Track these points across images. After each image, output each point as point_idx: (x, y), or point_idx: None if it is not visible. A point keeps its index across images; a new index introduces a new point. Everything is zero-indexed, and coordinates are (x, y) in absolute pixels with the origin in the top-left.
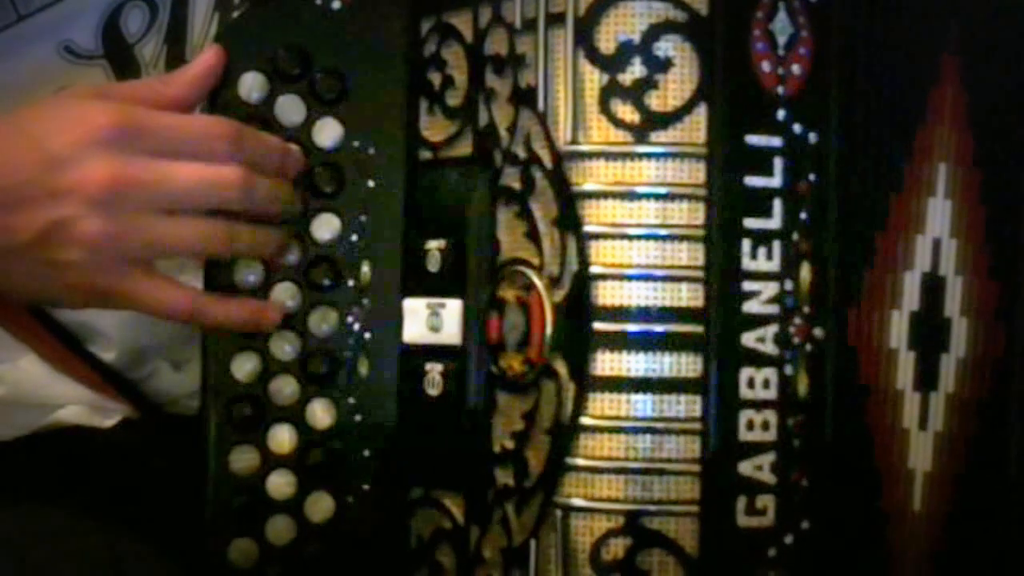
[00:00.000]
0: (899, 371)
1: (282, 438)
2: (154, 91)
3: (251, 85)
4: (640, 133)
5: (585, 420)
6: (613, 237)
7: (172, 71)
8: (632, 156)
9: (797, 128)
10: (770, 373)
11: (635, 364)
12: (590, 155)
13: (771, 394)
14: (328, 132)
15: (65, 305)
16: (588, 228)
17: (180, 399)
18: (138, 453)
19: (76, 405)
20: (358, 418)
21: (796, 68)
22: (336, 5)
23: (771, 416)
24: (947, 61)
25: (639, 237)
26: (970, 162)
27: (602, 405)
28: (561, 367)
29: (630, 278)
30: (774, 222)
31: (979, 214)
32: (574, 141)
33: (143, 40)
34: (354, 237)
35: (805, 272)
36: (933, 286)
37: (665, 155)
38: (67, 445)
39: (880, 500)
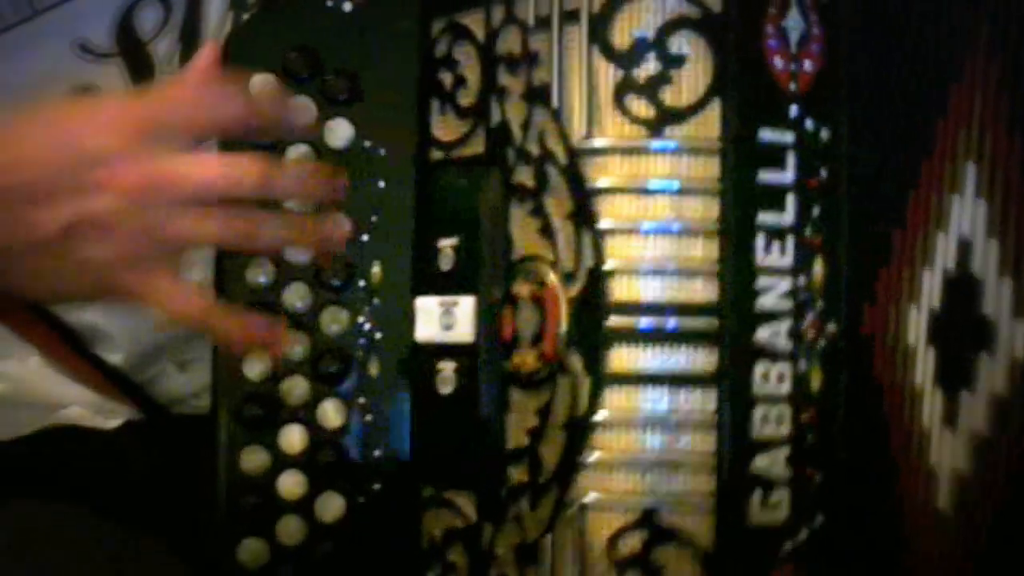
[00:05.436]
0: (917, 367)
1: (293, 438)
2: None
3: (262, 86)
4: (654, 128)
5: (600, 415)
6: (627, 232)
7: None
8: (646, 151)
9: (809, 124)
10: (784, 368)
11: (650, 359)
12: (604, 151)
13: (785, 389)
14: (339, 133)
15: (82, 300)
16: (603, 223)
17: (187, 399)
18: (142, 454)
19: (79, 406)
20: (369, 418)
21: (808, 64)
22: (347, 6)
23: (785, 411)
24: (975, 60)
25: (653, 232)
26: (1003, 159)
27: (617, 400)
28: (576, 362)
29: (644, 273)
30: (787, 217)
31: (1010, 211)
32: (588, 137)
33: (157, 38)
34: (365, 237)
35: (818, 267)
36: (961, 284)
37: (679, 150)
38: (70, 445)
39: (896, 495)
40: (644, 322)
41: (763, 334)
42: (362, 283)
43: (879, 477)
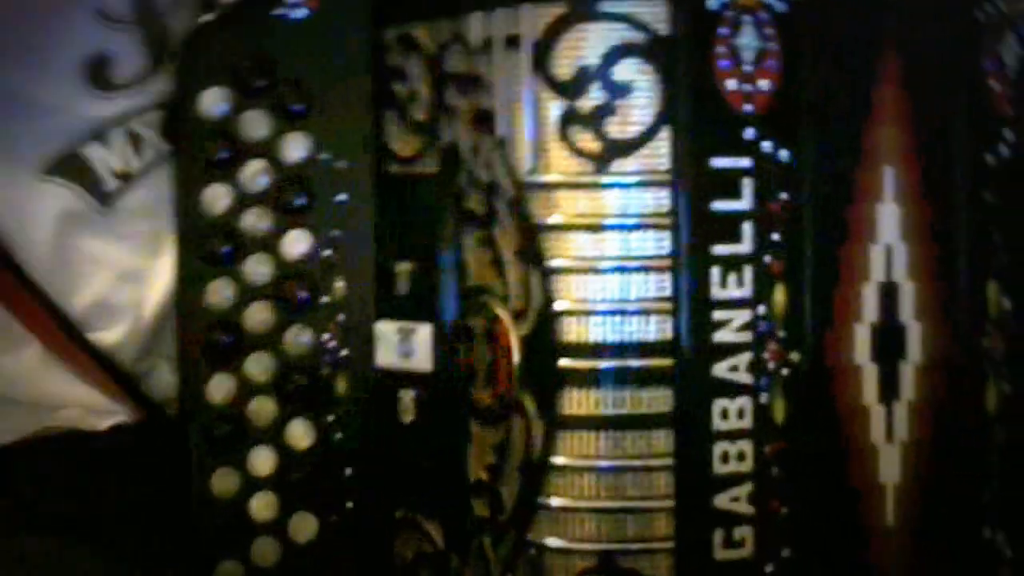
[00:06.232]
0: (864, 386)
1: (263, 460)
2: None
3: (214, 99)
4: (601, 163)
5: (555, 459)
6: (578, 271)
7: None
8: (594, 186)
9: (767, 146)
10: (744, 402)
11: (604, 401)
12: (552, 186)
13: (746, 423)
14: (295, 146)
15: None
16: (552, 262)
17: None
18: (133, 458)
19: (72, 407)
20: (338, 436)
21: (764, 83)
22: (298, 14)
23: (746, 446)
24: (887, 58)
25: (604, 270)
26: (912, 160)
27: (572, 444)
28: (529, 403)
29: (596, 313)
30: (744, 246)
31: (924, 214)
32: (535, 171)
33: (173, 12)
34: (327, 252)
35: (779, 295)
36: (888, 294)
37: (628, 184)
38: (62, 451)
39: (858, 519)
40: (597, 363)
41: (721, 369)
42: (326, 299)
43: (842, 503)
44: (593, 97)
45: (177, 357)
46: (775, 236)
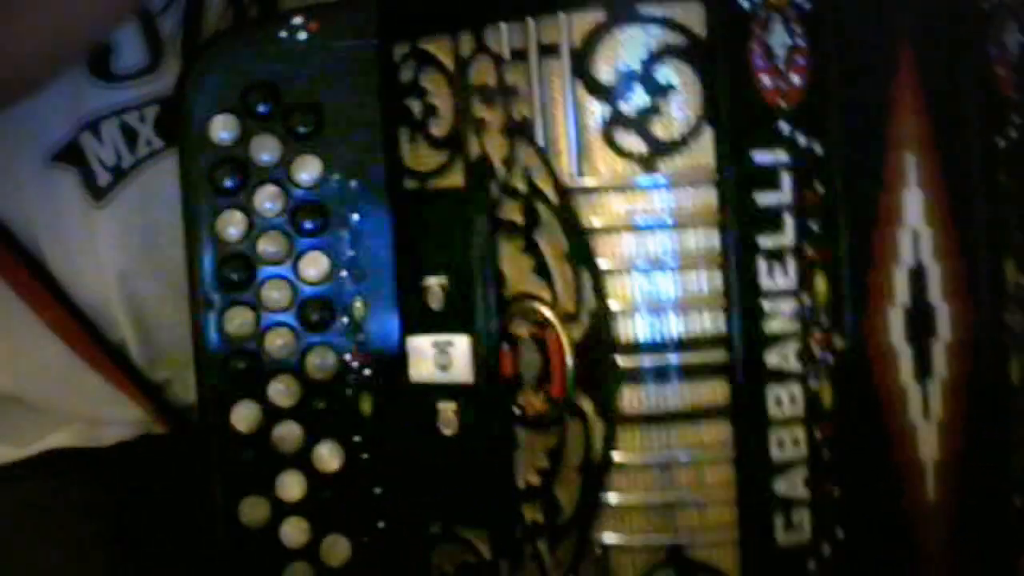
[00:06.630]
0: (901, 366)
1: (291, 485)
2: None
3: (222, 126)
4: (648, 163)
5: (617, 457)
6: (629, 271)
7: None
8: (641, 187)
9: (801, 139)
10: (795, 389)
11: (662, 397)
12: (598, 189)
13: (798, 410)
14: (307, 168)
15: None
16: (601, 264)
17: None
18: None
19: (76, 422)
20: (366, 456)
21: (795, 78)
22: (302, 36)
23: (799, 432)
24: (903, 49)
25: (653, 269)
26: (931, 147)
27: (632, 440)
28: (587, 404)
29: (648, 311)
30: (787, 237)
31: (945, 198)
32: (579, 175)
33: (164, 14)
34: (344, 273)
35: (820, 283)
36: (918, 277)
37: (674, 183)
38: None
39: (903, 498)
40: (653, 360)
41: (772, 358)
42: (346, 320)
43: (887, 482)
44: (636, 100)
45: (196, 385)
46: (814, 226)
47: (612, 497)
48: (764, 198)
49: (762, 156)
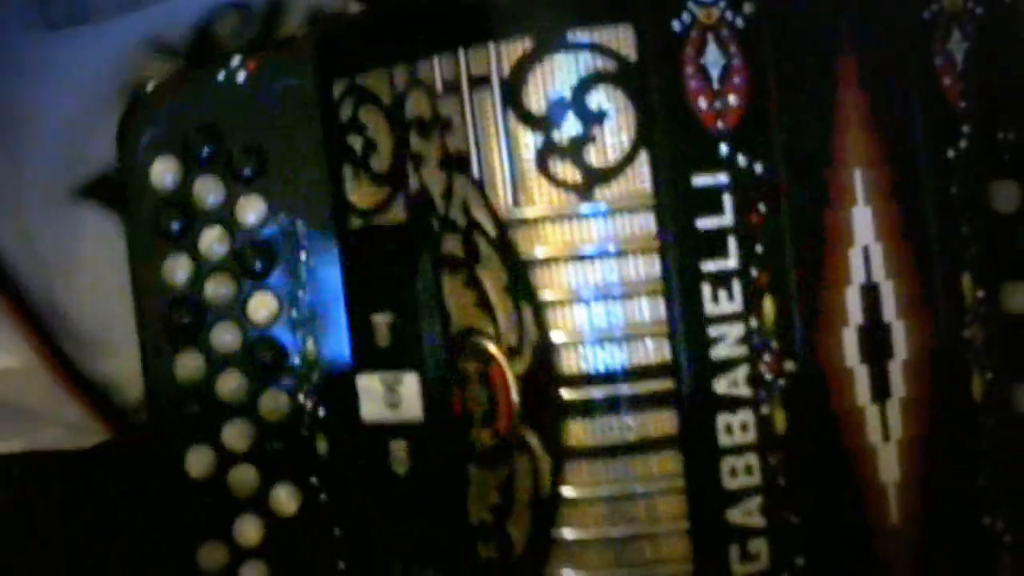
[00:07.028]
0: (857, 388)
1: (249, 529)
2: None
3: (163, 171)
4: (584, 191)
5: (566, 492)
6: (570, 302)
7: None
8: (578, 216)
9: (742, 160)
10: (746, 416)
11: (609, 428)
12: (535, 220)
13: (750, 437)
14: (251, 209)
15: None
16: (542, 295)
17: None
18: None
19: (56, 426)
20: (323, 497)
21: (733, 98)
22: (241, 77)
23: (752, 459)
24: (846, 62)
25: (596, 299)
26: (879, 161)
27: (582, 475)
28: (533, 439)
29: (592, 342)
30: (731, 261)
31: (895, 213)
32: (516, 206)
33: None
34: (294, 313)
35: (768, 306)
36: (870, 295)
37: (612, 211)
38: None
39: (865, 520)
40: (598, 392)
41: (721, 385)
42: (297, 361)
43: (848, 507)
44: (569, 128)
45: (149, 430)
46: (759, 248)
47: (565, 532)
48: (705, 222)
49: (701, 179)
